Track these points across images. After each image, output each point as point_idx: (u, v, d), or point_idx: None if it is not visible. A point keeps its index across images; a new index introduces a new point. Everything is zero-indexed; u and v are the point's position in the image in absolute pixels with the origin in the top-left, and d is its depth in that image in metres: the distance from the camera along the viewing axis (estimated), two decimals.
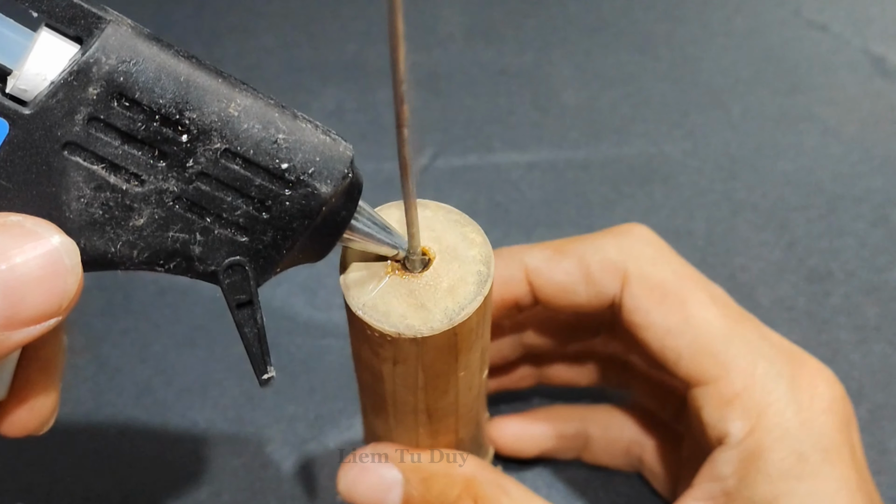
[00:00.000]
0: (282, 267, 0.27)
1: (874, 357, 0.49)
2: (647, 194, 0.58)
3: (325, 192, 0.26)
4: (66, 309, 0.24)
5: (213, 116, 0.24)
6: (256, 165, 0.25)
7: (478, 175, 0.59)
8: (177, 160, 0.24)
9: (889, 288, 0.53)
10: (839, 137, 0.62)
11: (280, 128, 0.25)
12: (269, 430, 0.46)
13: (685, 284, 0.36)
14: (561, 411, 0.44)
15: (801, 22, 0.71)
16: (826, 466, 0.33)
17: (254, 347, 0.28)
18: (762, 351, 0.35)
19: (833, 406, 0.34)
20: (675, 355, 0.35)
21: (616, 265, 0.37)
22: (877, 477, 0.44)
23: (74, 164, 0.24)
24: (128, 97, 0.23)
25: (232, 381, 0.48)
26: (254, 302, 0.27)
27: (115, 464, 0.44)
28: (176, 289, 0.51)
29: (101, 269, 0.26)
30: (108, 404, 0.47)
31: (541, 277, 0.37)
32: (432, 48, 0.69)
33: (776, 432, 0.33)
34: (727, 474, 0.34)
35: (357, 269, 0.30)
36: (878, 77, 0.66)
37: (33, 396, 0.28)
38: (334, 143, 0.26)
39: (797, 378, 0.34)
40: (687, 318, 0.35)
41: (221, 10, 0.71)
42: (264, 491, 0.44)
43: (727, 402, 0.34)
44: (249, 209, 0.25)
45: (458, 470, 0.36)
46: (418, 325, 0.29)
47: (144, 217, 0.25)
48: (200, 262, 0.26)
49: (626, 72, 0.67)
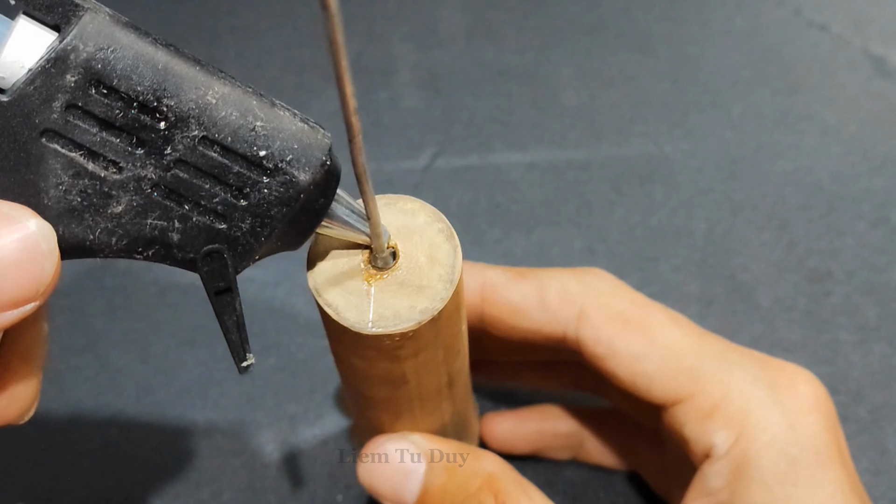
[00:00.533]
0: (260, 254, 0.27)
1: (874, 357, 0.49)
2: (647, 194, 0.58)
3: (304, 180, 0.26)
4: (43, 294, 0.24)
5: (190, 104, 0.24)
6: (234, 153, 0.25)
7: (478, 175, 0.59)
8: (155, 147, 0.24)
9: (889, 288, 0.53)
10: (839, 137, 0.62)
11: (258, 115, 0.25)
12: (269, 430, 0.46)
13: (645, 311, 0.36)
14: (554, 410, 0.44)
15: (801, 22, 0.71)
16: (820, 470, 0.32)
17: (233, 335, 0.28)
18: (734, 360, 0.35)
19: (818, 406, 0.34)
20: (647, 379, 0.35)
21: (573, 297, 0.36)
22: (877, 477, 0.44)
23: (52, 152, 0.24)
24: (105, 84, 0.23)
25: (232, 381, 0.48)
26: (233, 289, 0.27)
27: (116, 464, 0.44)
28: (176, 289, 0.51)
29: (79, 257, 0.26)
30: (109, 404, 0.47)
31: (497, 295, 0.37)
32: (433, 48, 0.69)
33: (763, 438, 0.33)
34: (719, 487, 0.34)
35: (338, 296, 0.29)
36: (877, 77, 0.66)
37: (13, 385, 0.27)
38: (312, 131, 0.26)
39: (776, 381, 0.34)
40: (652, 341, 0.35)
41: (221, 10, 0.71)
42: (265, 490, 0.44)
43: (708, 415, 0.34)
44: (227, 196, 0.25)
45: (481, 465, 0.36)
46: (430, 304, 0.29)
47: (123, 204, 0.25)
48: (179, 250, 0.26)
49: (626, 72, 0.67)
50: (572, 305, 0.36)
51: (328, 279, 0.29)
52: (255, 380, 0.48)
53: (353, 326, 0.29)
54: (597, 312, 0.36)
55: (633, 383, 0.36)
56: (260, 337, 0.49)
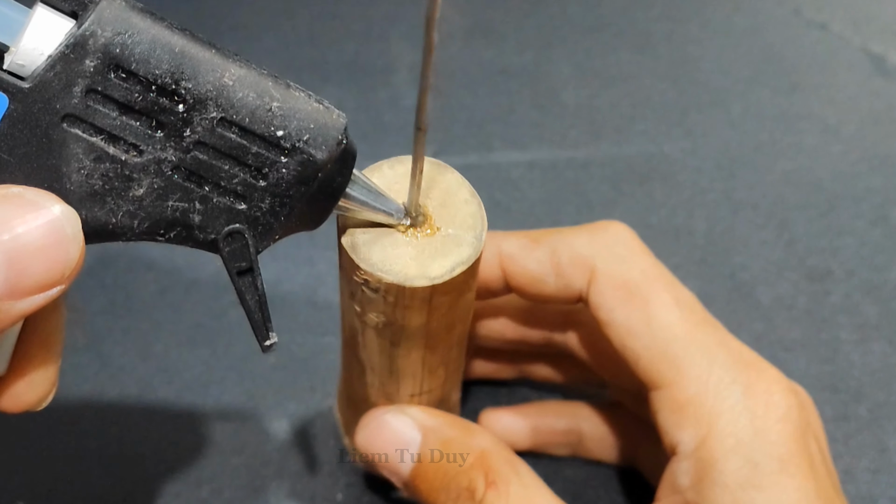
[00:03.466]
0: (280, 234, 0.27)
1: (874, 356, 0.49)
2: (647, 193, 0.58)
3: (321, 158, 0.26)
4: (69, 277, 0.24)
5: (208, 86, 0.24)
6: (252, 133, 0.25)
7: (478, 174, 0.59)
8: (174, 130, 0.25)
9: (889, 287, 0.53)
10: (839, 136, 0.62)
11: (274, 96, 0.25)
12: (270, 429, 0.46)
13: (651, 285, 0.36)
14: (553, 406, 0.44)
15: (801, 21, 0.71)
16: (782, 476, 0.32)
17: (255, 314, 0.28)
18: (719, 358, 0.35)
19: (789, 415, 0.34)
20: (635, 356, 0.36)
21: (585, 260, 0.37)
22: (877, 475, 0.45)
23: (74, 136, 0.24)
24: (124, 69, 0.24)
25: (233, 379, 0.48)
26: (254, 269, 0.27)
27: (116, 462, 0.44)
28: (177, 288, 0.51)
29: (103, 241, 0.26)
30: (110, 403, 0.47)
31: (514, 264, 0.38)
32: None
33: (729, 441, 0.33)
34: (685, 486, 0.34)
35: (374, 253, 0.30)
36: (877, 76, 0.66)
37: (33, 371, 0.28)
38: (328, 111, 0.26)
39: (752, 386, 0.34)
40: (648, 319, 0.35)
41: (222, 10, 0.71)
42: (265, 489, 0.44)
43: (679, 409, 0.34)
44: (247, 177, 0.26)
45: (474, 440, 0.36)
46: (462, 258, 0.30)
47: (144, 187, 0.25)
48: (200, 231, 0.26)
49: (626, 71, 0.67)
50: (584, 268, 0.37)
51: (364, 239, 0.31)
52: (256, 378, 0.48)
53: (395, 280, 0.30)
54: (605, 278, 0.36)
55: (623, 355, 0.36)
56: None
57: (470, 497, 0.35)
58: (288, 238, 0.28)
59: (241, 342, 0.49)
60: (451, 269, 0.30)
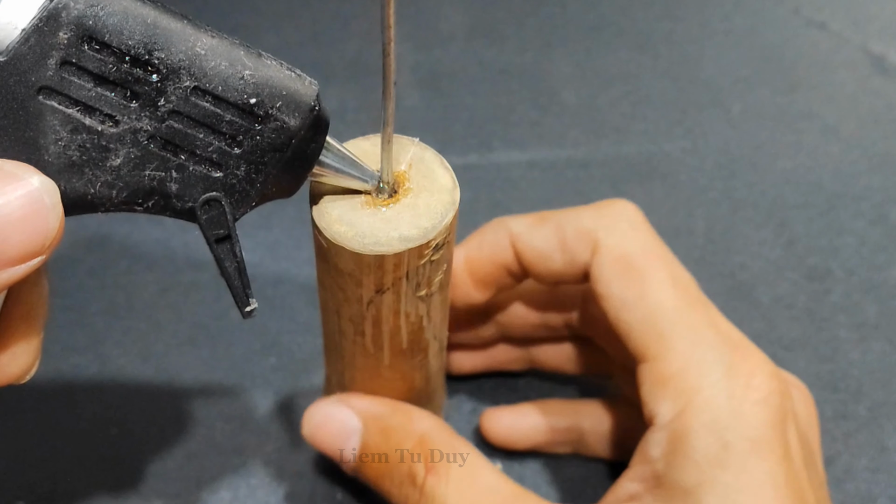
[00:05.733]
0: (257, 201, 0.28)
1: (873, 355, 0.49)
2: (647, 192, 0.58)
3: (294, 125, 0.26)
4: (49, 248, 0.25)
5: (180, 55, 0.25)
6: (226, 101, 0.26)
7: (478, 174, 0.59)
8: (148, 99, 0.25)
9: (888, 286, 0.53)
10: (838, 136, 0.62)
11: (246, 64, 0.26)
12: (269, 429, 0.46)
13: (649, 261, 0.37)
14: (554, 405, 0.44)
15: (801, 20, 0.71)
16: (752, 458, 0.32)
17: (234, 280, 0.28)
18: (706, 337, 0.35)
19: (769, 399, 0.34)
20: (627, 328, 0.36)
21: (589, 234, 0.38)
22: (876, 474, 0.45)
23: (50, 108, 0.24)
24: (97, 40, 0.24)
25: (234, 380, 0.48)
26: (232, 236, 0.28)
27: (116, 463, 0.45)
28: (178, 288, 0.51)
29: (83, 212, 0.26)
30: (109, 404, 0.47)
31: (522, 243, 0.39)
32: (433, 47, 0.69)
33: (703, 417, 0.33)
34: (657, 457, 0.34)
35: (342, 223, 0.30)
36: (877, 75, 0.66)
37: (16, 344, 0.28)
38: (300, 79, 0.27)
39: (735, 367, 0.34)
40: (643, 293, 0.36)
41: (224, 10, 0.71)
42: (265, 489, 0.44)
43: (661, 382, 0.35)
44: (222, 145, 0.26)
45: (415, 426, 0.37)
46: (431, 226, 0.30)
47: (121, 157, 0.26)
48: (178, 199, 0.27)
49: (626, 70, 0.67)
50: (588, 242, 0.38)
51: (332, 209, 0.31)
52: (256, 379, 0.48)
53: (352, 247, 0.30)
54: (606, 251, 0.37)
55: (616, 327, 0.37)
56: (260, 337, 0.50)
57: (412, 482, 0.36)
58: (288, 239, 0.28)
59: (241, 343, 0.49)
60: (423, 234, 0.30)
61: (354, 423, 0.38)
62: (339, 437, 0.38)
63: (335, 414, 0.38)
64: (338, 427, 0.38)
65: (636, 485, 0.35)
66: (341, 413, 0.38)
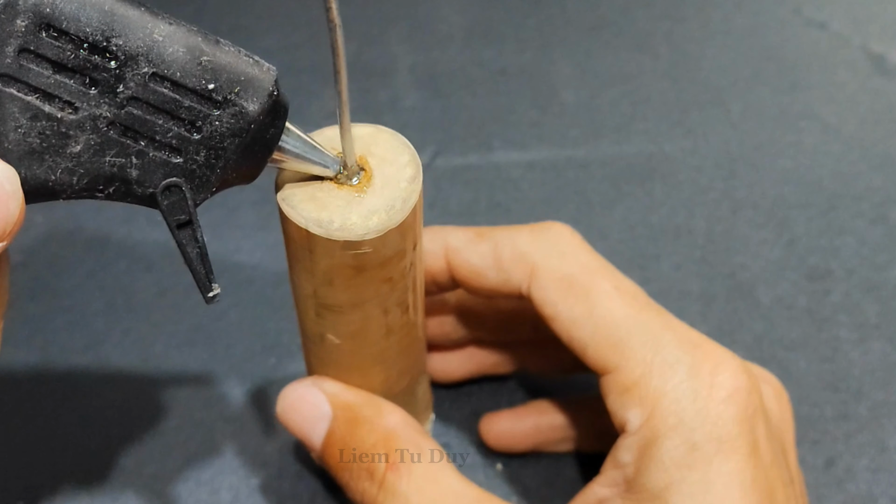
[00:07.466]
0: (217, 187, 0.28)
1: (874, 355, 0.49)
2: (647, 192, 0.58)
3: (253, 110, 0.27)
4: (9, 234, 0.25)
5: (138, 42, 0.25)
6: (184, 87, 0.26)
7: (478, 174, 0.59)
8: (107, 86, 0.25)
9: (889, 286, 0.53)
10: (839, 136, 0.62)
11: (204, 51, 0.26)
12: (270, 429, 0.46)
13: (591, 277, 0.36)
14: (551, 404, 0.44)
15: (801, 20, 0.71)
16: (718, 457, 0.32)
17: (196, 265, 0.29)
18: (663, 340, 0.35)
19: (734, 396, 0.33)
20: (582, 345, 0.36)
21: (525, 257, 0.37)
22: (876, 474, 0.44)
23: (9, 96, 0.25)
24: (55, 27, 0.24)
25: (233, 381, 0.48)
26: (193, 221, 0.28)
27: (115, 463, 0.45)
28: (177, 289, 0.51)
29: (44, 199, 0.26)
30: (109, 404, 0.47)
31: (459, 258, 0.39)
32: (432, 48, 0.69)
33: (671, 420, 0.33)
34: (627, 462, 0.34)
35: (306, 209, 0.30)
36: (877, 75, 0.66)
37: None
38: (258, 64, 0.27)
39: (697, 366, 0.34)
40: (591, 308, 0.36)
41: (222, 11, 0.71)
42: (265, 489, 0.44)
43: (626, 391, 0.34)
44: (181, 130, 0.26)
45: (382, 420, 0.37)
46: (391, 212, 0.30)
47: (81, 144, 0.26)
48: (138, 185, 0.27)
49: (626, 70, 0.67)
50: (525, 265, 0.37)
51: (296, 195, 0.31)
52: (256, 379, 0.48)
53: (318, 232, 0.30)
54: (545, 273, 0.37)
55: (571, 346, 0.36)
56: (260, 337, 0.50)
57: (369, 477, 0.35)
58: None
59: (241, 343, 0.49)
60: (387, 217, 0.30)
61: (325, 408, 0.38)
62: (308, 421, 0.38)
63: (307, 396, 0.38)
64: (308, 410, 0.38)
65: (606, 490, 0.35)
66: (314, 396, 0.38)
